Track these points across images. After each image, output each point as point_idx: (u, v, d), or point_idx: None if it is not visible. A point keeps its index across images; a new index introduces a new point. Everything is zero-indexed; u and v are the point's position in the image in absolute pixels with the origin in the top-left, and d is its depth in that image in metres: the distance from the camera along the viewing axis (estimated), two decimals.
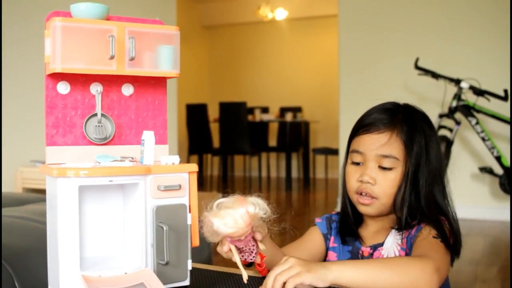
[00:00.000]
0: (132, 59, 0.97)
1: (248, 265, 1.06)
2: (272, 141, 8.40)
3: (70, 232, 0.89)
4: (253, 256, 0.96)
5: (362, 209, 1.18)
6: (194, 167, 0.98)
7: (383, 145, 1.15)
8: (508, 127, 4.56)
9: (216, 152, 7.54)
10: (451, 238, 1.11)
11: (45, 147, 0.98)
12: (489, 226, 4.48)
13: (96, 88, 1.01)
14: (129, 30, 0.97)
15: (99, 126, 1.01)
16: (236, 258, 0.95)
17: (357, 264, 0.96)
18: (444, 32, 4.98)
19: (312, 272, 0.90)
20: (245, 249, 0.96)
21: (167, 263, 0.95)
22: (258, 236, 0.97)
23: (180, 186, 0.96)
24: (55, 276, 0.92)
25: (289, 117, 7.40)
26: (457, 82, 4.44)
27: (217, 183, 7.84)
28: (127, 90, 1.05)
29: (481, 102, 4.53)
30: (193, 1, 9.16)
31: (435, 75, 4.48)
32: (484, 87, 4.47)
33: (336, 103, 5.69)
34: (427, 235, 1.08)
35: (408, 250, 1.13)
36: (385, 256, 1.16)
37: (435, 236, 1.08)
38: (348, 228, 1.23)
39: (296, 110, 8.06)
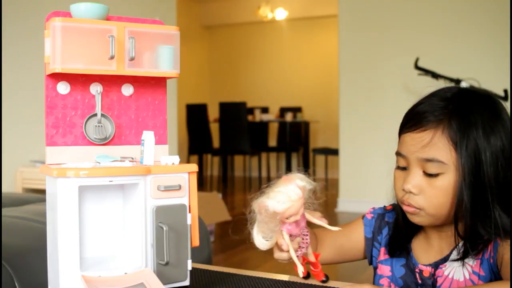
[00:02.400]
0: (132, 59, 0.97)
1: (305, 277, 1.03)
2: (272, 141, 8.40)
3: (70, 232, 0.89)
4: (306, 247, 0.95)
5: (409, 217, 1.02)
6: (194, 167, 0.98)
7: (425, 147, 0.97)
8: None
9: (216, 152, 7.54)
10: None
11: (45, 147, 0.98)
12: None
13: (96, 88, 1.01)
14: (129, 30, 0.97)
15: (99, 126, 1.01)
16: (291, 249, 0.92)
17: None
18: (444, 32, 4.98)
19: None
20: (300, 241, 0.94)
21: (167, 263, 0.95)
22: (317, 215, 0.93)
23: (180, 186, 0.96)
24: (55, 276, 0.92)
25: (289, 117, 7.40)
26: (457, 82, 4.45)
27: (217, 183, 7.84)
28: (127, 90, 1.05)
29: None
30: (193, 1, 9.16)
31: (435, 75, 4.48)
32: (484, 87, 4.47)
33: (336, 103, 5.69)
34: (508, 250, 0.92)
35: (484, 272, 0.97)
36: (450, 277, 1.00)
37: None
38: (400, 239, 1.08)
39: (296, 110, 8.07)
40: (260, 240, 0.94)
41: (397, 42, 5.13)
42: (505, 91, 4.32)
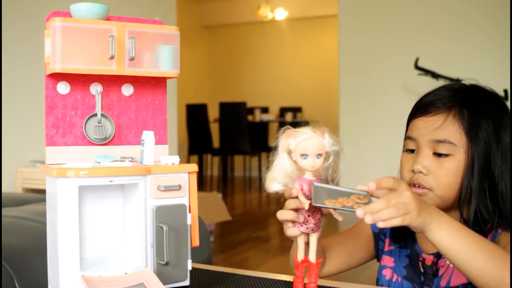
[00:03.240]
0: (132, 59, 0.97)
1: None
2: (272, 141, 8.38)
3: (70, 232, 0.89)
4: (317, 226, 0.88)
5: None
6: (194, 167, 0.98)
7: (437, 129, 1.01)
8: None
9: (216, 152, 7.54)
10: None
11: (45, 147, 0.98)
12: None
13: (96, 88, 1.01)
14: (129, 30, 0.97)
15: (99, 126, 1.01)
16: (300, 195, 0.84)
17: (456, 231, 0.85)
18: (444, 32, 4.98)
19: (420, 218, 0.82)
20: (310, 219, 0.87)
21: (167, 263, 0.95)
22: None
23: (180, 186, 0.96)
24: (55, 276, 0.92)
25: (289, 117, 7.40)
26: (457, 82, 4.45)
27: (217, 183, 7.84)
28: (127, 90, 1.05)
29: None
30: (193, 1, 9.16)
31: (435, 75, 4.48)
32: None
33: (336, 103, 5.69)
34: (507, 243, 0.95)
35: None
36: (451, 266, 1.03)
37: None
38: (405, 229, 1.09)
39: (296, 110, 8.07)
40: (273, 183, 0.89)
41: (397, 42, 5.13)
42: (505, 91, 4.32)
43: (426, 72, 4.51)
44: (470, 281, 0.90)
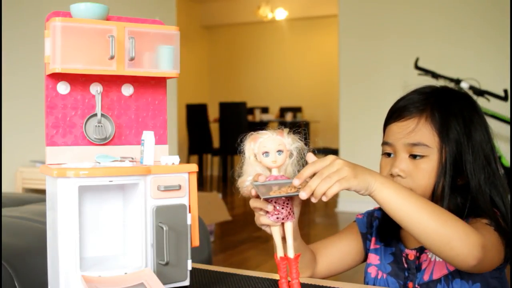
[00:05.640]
0: (132, 59, 0.96)
1: None
2: None
3: (70, 232, 0.89)
4: (286, 217, 0.92)
5: None
6: (194, 167, 0.98)
7: (411, 132, 1.05)
8: (508, 127, 4.56)
9: (216, 152, 7.54)
10: (504, 235, 0.99)
11: (45, 147, 0.98)
12: None
13: (96, 88, 1.01)
14: (129, 30, 0.97)
15: (99, 126, 1.01)
16: (252, 192, 0.91)
17: (402, 190, 0.89)
18: (444, 32, 4.98)
19: (358, 178, 0.86)
20: (280, 208, 0.92)
21: (167, 263, 0.95)
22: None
23: (180, 186, 0.96)
24: (55, 276, 0.92)
25: (289, 117, 7.40)
26: (457, 82, 4.44)
27: (217, 183, 7.84)
28: (127, 90, 1.05)
29: (481, 102, 4.52)
30: (193, 1, 9.16)
31: (435, 75, 4.48)
32: (484, 87, 4.47)
33: (336, 103, 5.69)
34: (477, 223, 0.99)
35: None
36: (432, 260, 1.07)
37: (487, 223, 0.98)
38: (389, 227, 1.13)
39: (296, 110, 8.07)
40: (243, 179, 0.94)
41: (397, 42, 5.13)
42: (505, 91, 4.32)
43: (426, 72, 4.51)
44: (420, 242, 0.92)
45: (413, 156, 1.06)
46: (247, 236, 4.26)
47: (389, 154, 1.11)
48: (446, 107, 1.06)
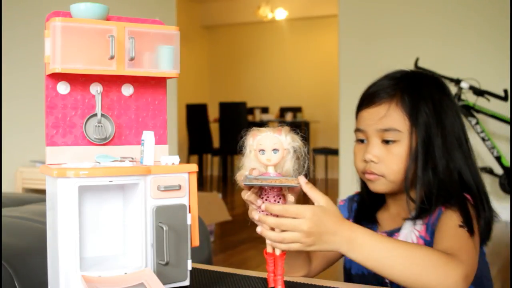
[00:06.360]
0: (132, 59, 0.97)
1: None
2: None
3: (70, 232, 0.89)
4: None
5: (371, 186, 1.10)
6: (194, 167, 0.98)
7: (382, 118, 1.06)
8: (508, 127, 4.56)
9: (216, 152, 7.54)
10: (476, 220, 1.01)
11: (45, 147, 0.98)
12: None
13: (96, 88, 1.01)
14: (129, 30, 0.97)
15: (99, 126, 1.01)
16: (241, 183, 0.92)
17: (374, 249, 0.88)
18: (444, 32, 4.98)
19: (317, 245, 0.86)
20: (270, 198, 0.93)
21: (167, 263, 0.95)
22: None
23: (180, 186, 0.96)
24: (55, 276, 0.92)
25: (289, 117, 7.40)
26: (457, 82, 4.45)
27: (217, 183, 7.84)
28: (127, 90, 1.05)
29: (481, 102, 4.53)
30: (193, 1, 9.16)
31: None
32: (484, 87, 4.48)
33: (336, 103, 5.69)
34: (451, 223, 0.98)
35: (429, 237, 1.04)
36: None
37: (461, 224, 0.98)
38: (365, 211, 1.16)
39: (296, 110, 8.07)
40: (242, 173, 0.95)
41: (397, 42, 5.13)
42: (505, 91, 4.32)
43: (426, 71, 4.52)
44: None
45: (386, 142, 1.07)
46: (247, 236, 4.25)
47: (362, 141, 1.12)
48: (416, 91, 1.07)
